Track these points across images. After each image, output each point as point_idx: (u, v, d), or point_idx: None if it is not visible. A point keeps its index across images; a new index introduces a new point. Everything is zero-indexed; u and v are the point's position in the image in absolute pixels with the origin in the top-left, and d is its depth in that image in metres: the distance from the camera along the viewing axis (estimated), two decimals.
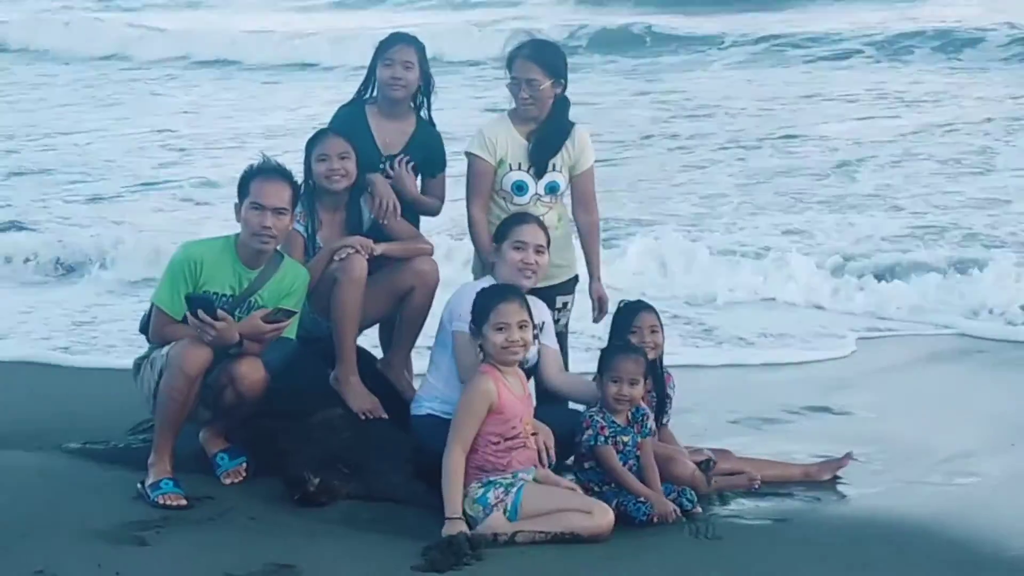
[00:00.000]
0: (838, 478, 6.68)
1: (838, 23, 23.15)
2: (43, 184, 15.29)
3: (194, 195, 14.52)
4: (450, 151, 7.10)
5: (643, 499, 6.01)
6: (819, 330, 9.72)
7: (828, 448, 6.97)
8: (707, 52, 22.28)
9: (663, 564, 5.56)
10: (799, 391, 8.24)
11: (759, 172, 14.73)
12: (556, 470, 6.11)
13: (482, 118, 11.04)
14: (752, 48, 22.14)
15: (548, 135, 6.77)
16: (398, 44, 6.92)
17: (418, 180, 7.04)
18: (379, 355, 7.05)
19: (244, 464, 6.38)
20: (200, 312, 6.03)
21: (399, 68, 6.87)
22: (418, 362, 6.94)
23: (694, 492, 6.18)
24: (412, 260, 6.70)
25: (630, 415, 6.22)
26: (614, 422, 6.17)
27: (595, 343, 6.63)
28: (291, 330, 6.26)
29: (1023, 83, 19.07)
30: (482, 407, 5.83)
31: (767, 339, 9.52)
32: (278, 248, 6.31)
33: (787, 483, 6.58)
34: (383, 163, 6.88)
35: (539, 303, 6.51)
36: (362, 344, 6.84)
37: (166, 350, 6.15)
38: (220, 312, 6.05)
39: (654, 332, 6.56)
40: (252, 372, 6.14)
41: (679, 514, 6.01)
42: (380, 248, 6.59)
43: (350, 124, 6.85)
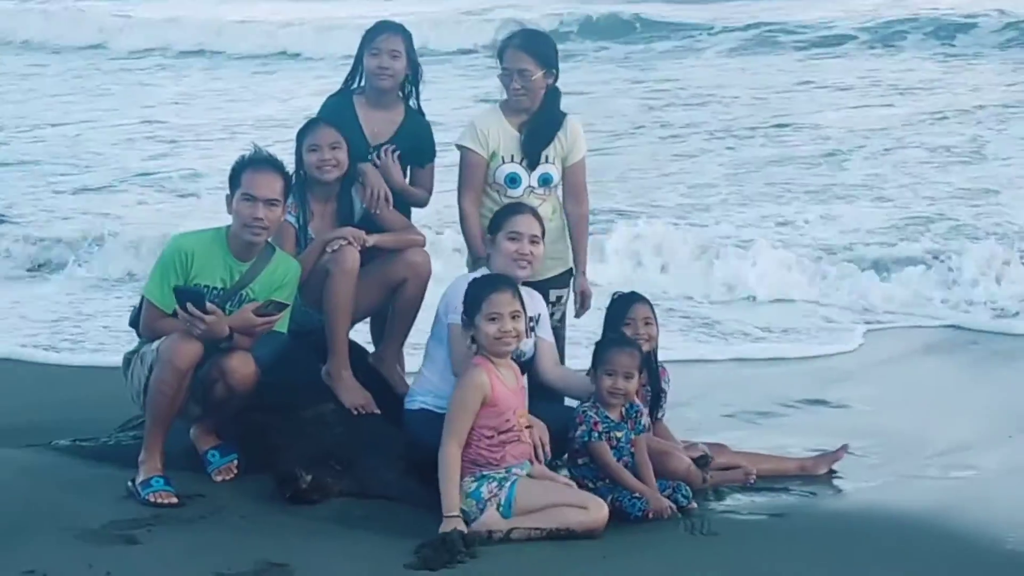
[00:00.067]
0: (834, 472, 6.67)
1: (829, 11, 23.12)
2: (30, 176, 15.22)
3: (182, 187, 14.46)
4: (441, 141, 7.04)
5: (638, 495, 5.97)
6: (807, 324, 9.69)
7: (824, 442, 6.95)
8: (697, 37, 22.24)
9: (659, 561, 5.53)
10: (794, 384, 8.23)
11: (750, 162, 14.72)
12: (550, 467, 6.07)
13: (473, 108, 11.01)
14: (743, 34, 22.10)
15: (540, 126, 6.72)
16: (385, 33, 6.85)
17: (407, 170, 6.97)
18: (371, 350, 6.99)
19: (235, 461, 6.34)
20: (189, 305, 5.97)
21: (386, 57, 6.81)
22: (412, 361, 6.86)
23: (689, 488, 6.14)
24: (404, 251, 6.65)
25: (624, 411, 6.17)
26: (607, 417, 6.12)
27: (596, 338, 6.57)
28: (282, 324, 6.21)
29: (1016, 70, 19.09)
30: (475, 400, 5.77)
31: (760, 333, 9.50)
32: (269, 240, 6.26)
33: (783, 477, 6.56)
34: (371, 153, 6.83)
35: (535, 295, 6.46)
36: (353, 339, 6.78)
37: (156, 345, 6.11)
38: (209, 305, 6.00)
39: (648, 324, 6.52)
40: (243, 366, 6.10)
41: (674, 510, 5.97)
42: (372, 239, 6.54)
43: (338, 114, 6.79)
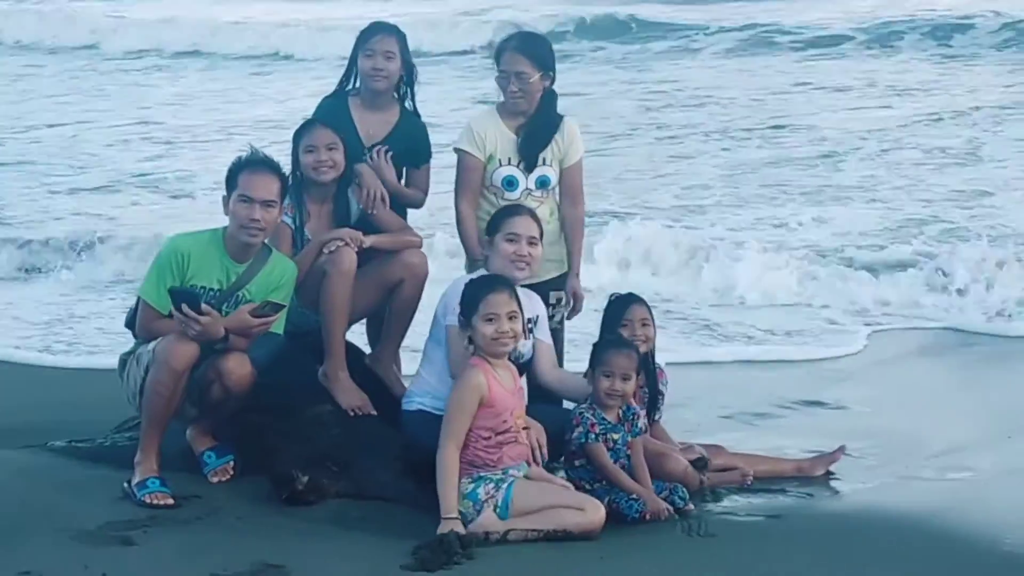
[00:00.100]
0: (831, 473, 6.66)
1: (825, 11, 23.13)
2: (24, 177, 15.20)
3: (177, 188, 14.45)
4: (439, 142, 7.03)
5: (635, 496, 5.96)
6: (809, 326, 9.67)
7: (821, 443, 6.94)
8: (693, 37, 22.22)
9: (656, 562, 5.52)
10: (791, 386, 8.22)
11: (746, 163, 14.71)
12: (547, 468, 6.05)
13: (470, 109, 10.99)
14: (739, 35, 22.10)
15: (537, 128, 6.71)
16: (379, 34, 6.85)
17: (402, 172, 6.96)
18: (367, 351, 6.98)
19: (231, 462, 6.33)
20: (184, 306, 5.96)
21: (380, 59, 6.80)
22: (409, 365, 6.85)
23: (686, 489, 6.13)
24: (401, 252, 6.64)
25: (621, 413, 6.16)
26: (604, 419, 6.11)
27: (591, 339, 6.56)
28: (279, 325, 6.20)
29: (1013, 72, 19.11)
30: (473, 401, 5.76)
31: (761, 335, 9.49)
32: (266, 241, 6.25)
33: (780, 479, 6.55)
34: (365, 154, 6.82)
35: (534, 296, 6.45)
36: (350, 340, 6.77)
37: (152, 345, 6.10)
38: (204, 307, 5.99)
39: (645, 325, 6.51)
40: (239, 367, 6.09)
41: (671, 511, 5.96)
42: (369, 241, 6.54)
43: (333, 116, 6.78)
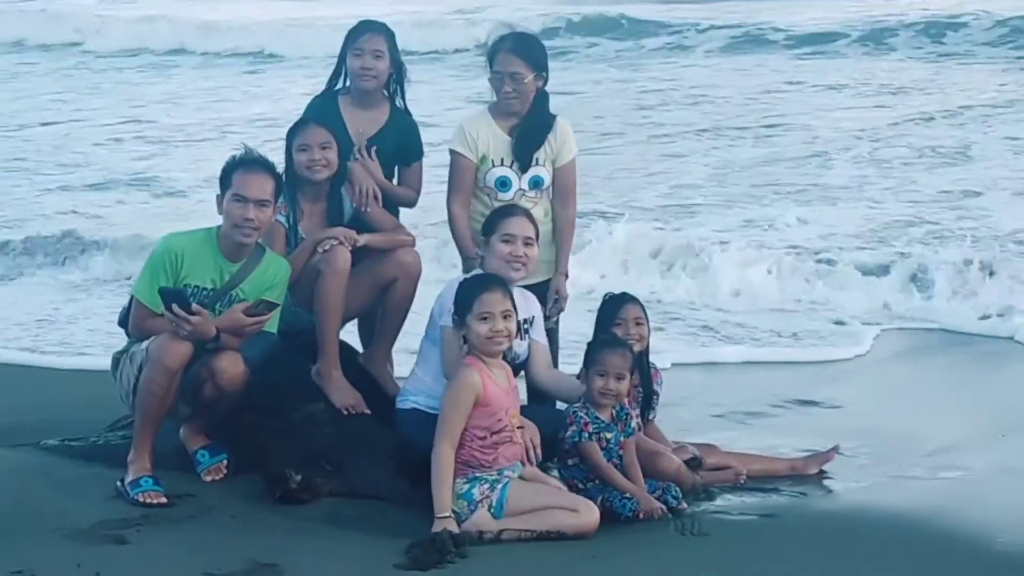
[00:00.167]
0: (824, 472, 6.66)
1: (819, 10, 23.15)
2: (15, 176, 15.17)
3: (169, 187, 14.43)
4: (433, 141, 7.03)
5: (628, 495, 5.96)
6: (810, 328, 9.66)
7: (814, 442, 6.94)
8: (684, 33, 22.22)
9: (649, 561, 5.53)
10: (784, 385, 8.22)
11: (738, 162, 14.69)
12: (541, 469, 6.05)
13: (465, 108, 10.97)
14: (732, 32, 22.10)
15: (531, 128, 6.70)
16: (367, 33, 6.85)
17: (394, 170, 6.95)
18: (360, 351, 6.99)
19: (225, 461, 6.32)
20: (174, 306, 5.95)
21: (369, 58, 6.80)
22: (401, 368, 6.85)
23: (679, 488, 6.13)
24: (394, 251, 6.64)
25: (614, 412, 6.16)
26: (598, 418, 6.11)
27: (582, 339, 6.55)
28: (272, 324, 6.20)
29: (1006, 71, 19.13)
30: (468, 400, 5.76)
31: (763, 337, 9.48)
32: (259, 241, 6.24)
33: (773, 478, 6.55)
34: (354, 153, 6.81)
35: (530, 296, 6.45)
36: (343, 339, 6.76)
37: (145, 344, 6.09)
38: (195, 306, 5.99)
39: (639, 324, 6.51)
40: (232, 366, 6.08)
41: (665, 511, 5.96)
42: (363, 239, 6.53)
43: (322, 115, 6.77)
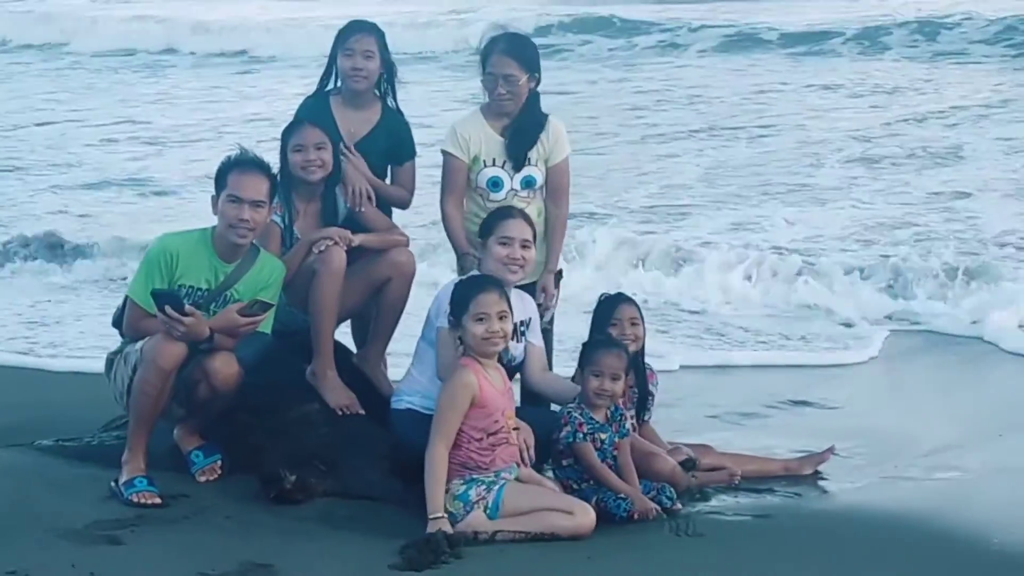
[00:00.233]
0: (819, 473, 6.66)
1: (813, 10, 23.18)
2: (8, 176, 15.14)
3: (162, 188, 14.43)
4: (427, 141, 7.02)
5: (623, 496, 5.96)
6: (814, 331, 9.65)
7: (809, 443, 6.94)
8: (676, 31, 22.23)
9: (643, 562, 5.52)
10: (780, 386, 8.22)
11: (729, 164, 14.70)
12: (536, 470, 6.05)
13: (459, 109, 10.96)
14: (725, 31, 22.11)
15: (524, 128, 6.69)
16: (357, 33, 6.84)
17: (386, 170, 6.95)
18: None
19: (219, 461, 6.32)
20: (168, 308, 5.94)
21: (359, 58, 6.80)
22: (394, 371, 6.84)
23: (674, 489, 6.13)
24: (388, 251, 6.64)
25: (609, 413, 6.16)
26: (593, 419, 6.11)
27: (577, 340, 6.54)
28: (266, 324, 6.19)
29: (1000, 71, 19.19)
30: (464, 400, 5.76)
31: (763, 339, 9.48)
32: (254, 241, 6.24)
33: (768, 478, 6.55)
34: (341, 153, 6.80)
35: (526, 298, 6.45)
36: (338, 339, 6.75)
37: (139, 345, 6.09)
38: (188, 307, 5.98)
39: (634, 324, 6.51)
40: (226, 367, 6.08)
41: (659, 511, 5.96)
42: (357, 239, 6.53)
43: (314, 116, 6.76)
